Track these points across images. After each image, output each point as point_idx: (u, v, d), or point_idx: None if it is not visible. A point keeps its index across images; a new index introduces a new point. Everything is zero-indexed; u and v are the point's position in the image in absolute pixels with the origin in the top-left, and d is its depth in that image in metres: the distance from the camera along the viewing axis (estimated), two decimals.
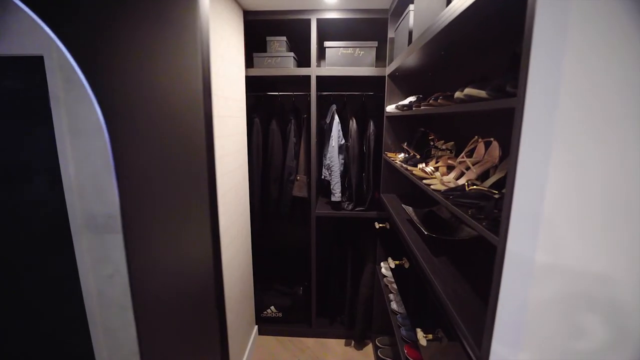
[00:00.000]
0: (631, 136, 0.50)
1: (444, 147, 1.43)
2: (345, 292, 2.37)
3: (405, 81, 1.92)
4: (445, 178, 1.08)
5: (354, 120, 2.15)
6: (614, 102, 0.49)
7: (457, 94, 0.85)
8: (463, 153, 1.07)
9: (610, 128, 0.49)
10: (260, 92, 2.27)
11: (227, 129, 1.61)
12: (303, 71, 1.97)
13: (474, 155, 1.11)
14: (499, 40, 1.04)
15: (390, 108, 1.86)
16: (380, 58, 2.08)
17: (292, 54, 1.98)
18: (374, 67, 1.97)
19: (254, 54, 2.00)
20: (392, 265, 1.39)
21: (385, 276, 2.02)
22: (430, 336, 0.98)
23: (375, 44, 1.95)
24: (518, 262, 0.56)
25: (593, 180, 0.51)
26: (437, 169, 1.21)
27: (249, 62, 2.00)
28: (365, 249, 2.34)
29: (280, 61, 1.99)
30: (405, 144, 1.79)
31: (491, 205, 0.74)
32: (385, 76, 1.94)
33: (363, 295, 2.29)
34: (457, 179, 1.08)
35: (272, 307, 2.39)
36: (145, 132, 0.42)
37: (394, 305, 1.70)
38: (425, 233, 1.16)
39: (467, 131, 1.42)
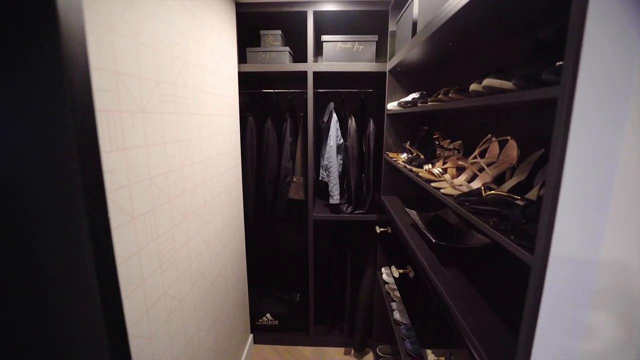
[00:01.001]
0: None
1: (450, 146, 1.33)
2: (344, 298, 2.27)
3: (407, 77, 1.82)
4: (455, 181, 0.98)
5: (353, 119, 2.05)
6: None
7: (474, 87, 0.75)
8: (476, 153, 0.97)
9: None
10: (254, 89, 2.17)
11: (217, 128, 1.50)
12: (299, 67, 1.87)
13: (486, 156, 1.01)
14: (513, 28, 0.95)
15: (391, 105, 1.76)
16: (381, 53, 1.97)
17: (287, 48, 1.88)
18: (374, 63, 1.87)
19: (247, 49, 1.89)
20: (396, 275, 1.29)
21: (386, 283, 1.91)
22: (442, 359, 0.89)
23: (376, 37, 1.85)
24: (563, 287, 0.46)
25: None
26: (445, 170, 1.11)
27: (242, 58, 1.89)
28: (365, 254, 2.24)
29: (275, 56, 1.88)
30: (408, 143, 1.69)
31: (516, 215, 0.64)
32: (385, 72, 1.84)
33: (363, 302, 2.19)
34: (470, 181, 0.98)
35: (268, 315, 2.28)
36: None
37: (396, 315, 1.60)
38: (434, 241, 1.06)
39: (475, 130, 1.32)
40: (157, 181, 0.96)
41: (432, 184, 1.03)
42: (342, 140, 2.11)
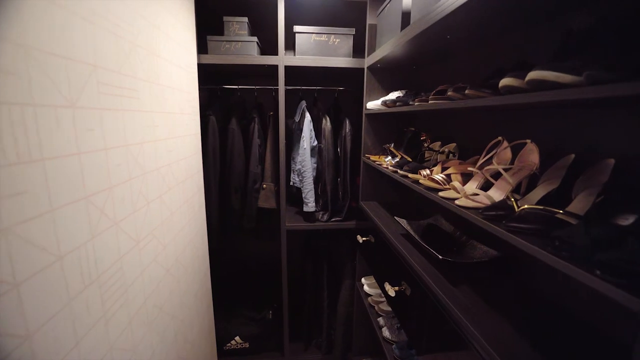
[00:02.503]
0: None
1: (444, 149, 1.23)
2: (321, 312, 2.10)
3: (386, 75, 1.71)
4: (467, 189, 0.86)
5: (327, 119, 1.89)
6: None
7: (509, 82, 0.63)
8: (489, 156, 0.87)
9: None
10: (215, 85, 1.91)
11: (175, 129, 1.25)
12: (270, 60, 1.66)
13: (494, 161, 0.91)
14: (529, 17, 0.86)
15: (372, 104, 1.63)
16: (357, 48, 1.84)
17: (255, 38, 1.66)
18: (352, 58, 1.73)
19: (209, 37, 1.64)
20: (392, 293, 1.16)
21: (369, 295, 1.79)
22: None
23: (353, 31, 1.71)
24: None
25: None
26: (449, 177, 0.99)
27: (202, 47, 1.63)
28: (342, 264, 2.10)
29: (241, 47, 1.65)
30: (392, 145, 1.58)
31: (578, 237, 0.53)
32: (364, 68, 1.71)
33: (342, 315, 2.05)
34: (483, 190, 0.87)
35: (237, 338, 2.04)
36: None
37: (386, 333, 1.48)
38: (440, 258, 0.94)
39: (469, 131, 1.24)
40: (96, 201, 0.71)
41: (440, 194, 0.90)
42: (316, 142, 1.95)
